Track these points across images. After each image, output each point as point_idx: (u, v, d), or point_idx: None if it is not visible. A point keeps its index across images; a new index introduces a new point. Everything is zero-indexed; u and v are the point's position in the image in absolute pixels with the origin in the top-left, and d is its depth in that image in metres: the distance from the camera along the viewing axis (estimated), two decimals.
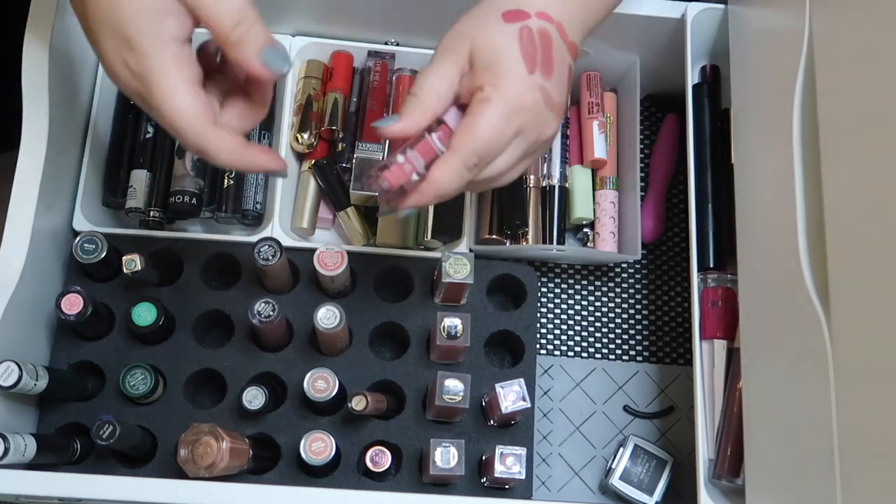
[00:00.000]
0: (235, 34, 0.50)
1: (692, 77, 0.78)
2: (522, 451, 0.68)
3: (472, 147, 0.54)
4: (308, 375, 0.67)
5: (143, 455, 0.70)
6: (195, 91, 0.51)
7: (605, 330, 0.83)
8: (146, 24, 0.49)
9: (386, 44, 0.82)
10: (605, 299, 0.84)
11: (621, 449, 0.77)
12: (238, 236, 0.77)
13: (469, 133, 0.54)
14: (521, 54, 0.55)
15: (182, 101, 0.50)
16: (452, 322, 0.69)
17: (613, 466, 0.76)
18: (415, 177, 0.55)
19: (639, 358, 0.82)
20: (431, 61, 0.57)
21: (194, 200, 0.77)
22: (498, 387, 0.69)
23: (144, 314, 0.70)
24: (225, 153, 0.52)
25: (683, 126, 0.79)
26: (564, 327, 0.83)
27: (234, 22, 0.50)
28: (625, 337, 0.83)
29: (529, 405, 0.69)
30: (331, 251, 0.70)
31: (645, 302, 0.84)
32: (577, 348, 0.82)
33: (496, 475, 0.67)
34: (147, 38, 0.49)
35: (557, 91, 0.56)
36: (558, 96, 0.57)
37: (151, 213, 0.78)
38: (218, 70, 0.56)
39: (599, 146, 0.82)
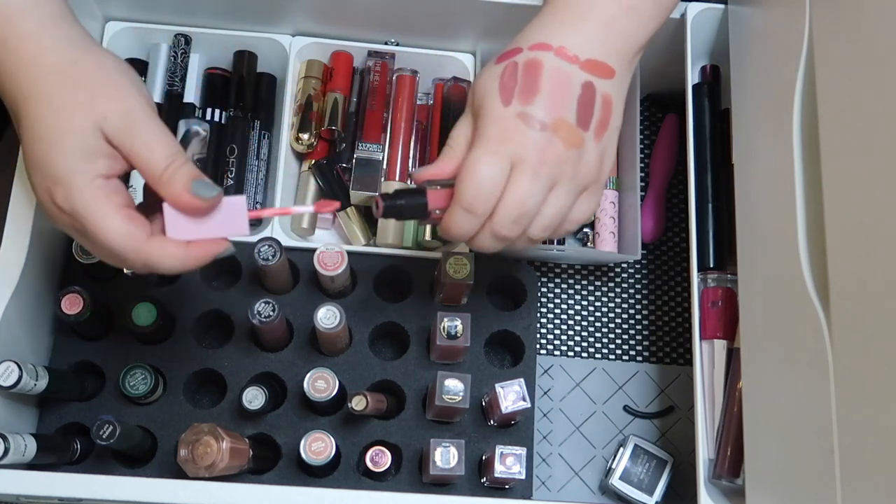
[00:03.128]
0: (166, 176, 0.52)
1: (692, 77, 0.78)
2: (522, 451, 0.68)
3: (463, 188, 0.55)
4: (308, 375, 0.67)
5: (143, 455, 0.70)
6: (125, 214, 0.52)
7: (605, 330, 0.83)
8: (75, 163, 0.51)
9: (386, 44, 0.82)
10: (605, 299, 0.84)
11: (621, 449, 0.77)
12: (238, 236, 0.77)
13: (459, 177, 0.55)
14: (498, 90, 0.56)
15: (114, 226, 0.52)
16: (452, 322, 0.69)
17: (613, 466, 0.76)
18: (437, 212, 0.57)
19: (639, 358, 0.82)
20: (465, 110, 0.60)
21: None
22: (498, 387, 0.69)
23: (144, 314, 0.70)
24: (169, 259, 0.53)
25: (683, 126, 0.79)
26: (564, 327, 0.83)
27: (165, 165, 0.52)
28: (625, 337, 0.83)
29: (529, 405, 0.69)
30: (331, 251, 0.70)
31: (645, 302, 0.84)
32: (577, 348, 0.82)
33: (496, 475, 0.67)
34: (75, 176, 0.51)
35: (549, 110, 0.55)
36: (551, 115, 0.55)
37: None
38: None
39: None
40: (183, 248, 0.54)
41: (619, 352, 0.82)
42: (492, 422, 0.73)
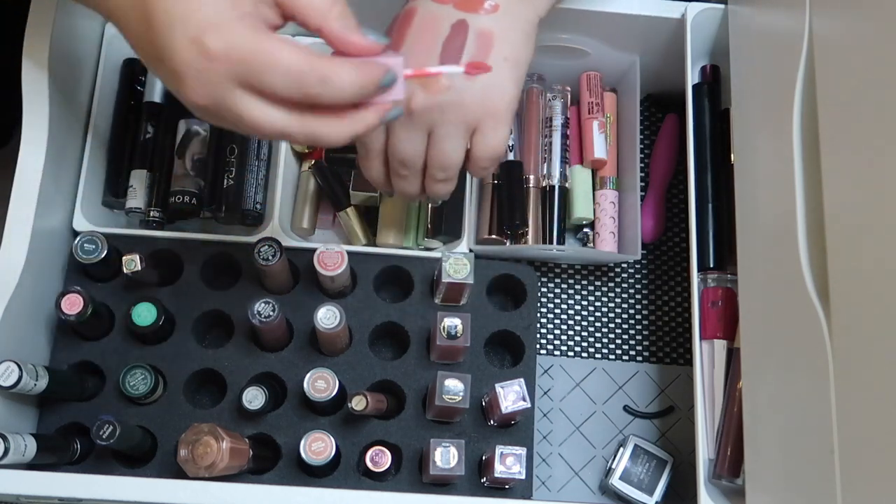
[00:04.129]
0: (335, 11, 0.50)
1: (692, 77, 0.78)
2: (522, 451, 0.68)
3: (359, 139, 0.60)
4: (308, 375, 0.67)
5: (143, 455, 0.70)
6: (287, 39, 0.49)
7: (605, 330, 0.83)
8: (224, 3, 0.48)
9: None
10: (605, 299, 0.84)
11: (621, 449, 0.77)
12: (238, 236, 0.77)
13: None
14: None
15: (283, 45, 0.48)
16: (452, 322, 0.69)
17: (613, 466, 0.76)
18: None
19: (639, 358, 0.82)
20: None
21: (194, 200, 0.77)
22: (498, 387, 0.69)
23: (144, 314, 0.70)
24: (346, 74, 0.49)
25: (683, 126, 0.79)
26: (564, 327, 0.83)
27: (331, 3, 0.50)
28: (625, 337, 0.83)
29: (529, 405, 0.69)
30: (331, 251, 0.70)
31: (645, 302, 0.84)
32: (577, 348, 0.82)
33: (496, 475, 0.67)
34: (225, 14, 0.47)
35: (409, 61, 0.54)
36: (410, 65, 0.54)
37: (151, 213, 0.78)
38: None
39: (599, 146, 0.82)
40: (355, 62, 0.50)
41: (619, 352, 0.82)
42: (492, 422, 0.73)
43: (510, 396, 0.69)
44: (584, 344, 0.82)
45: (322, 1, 0.50)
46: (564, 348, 0.82)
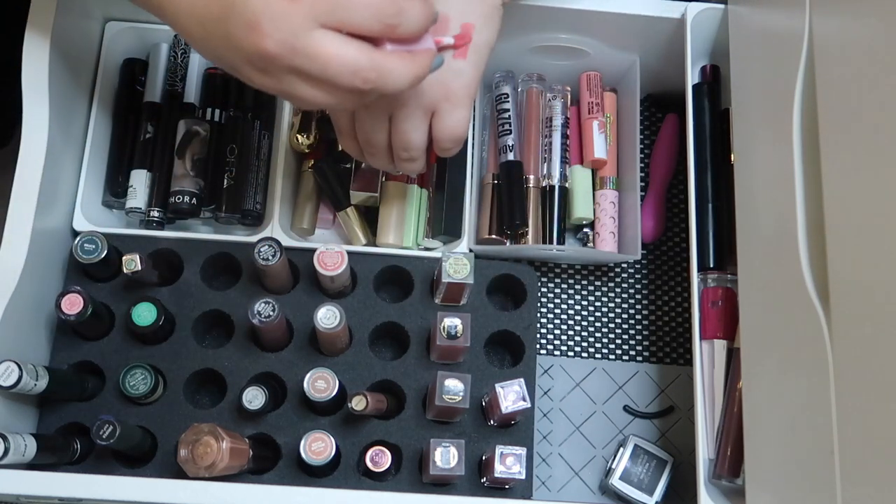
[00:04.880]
0: None
1: (692, 77, 0.78)
2: (522, 451, 0.68)
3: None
4: (308, 375, 0.67)
5: (143, 455, 0.70)
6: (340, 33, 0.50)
7: (605, 330, 0.83)
8: None
9: None
10: (605, 299, 0.84)
11: (621, 449, 0.77)
12: (238, 236, 0.77)
13: None
14: None
15: (336, 39, 0.50)
16: (452, 322, 0.69)
17: (613, 466, 0.76)
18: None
19: (639, 358, 0.82)
20: None
21: (194, 200, 0.77)
22: (498, 387, 0.69)
23: (144, 314, 0.70)
24: (399, 62, 0.52)
25: (683, 126, 0.79)
26: (564, 327, 0.83)
27: None
28: (625, 337, 0.83)
29: (529, 405, 0.69)
30: (331, 251, 0.70)
31: (645, 302, 0.84)
32: (577, 348, 0.82)
33: (496, 475, 0.67)
34: (274, 6, 0.48)
35: None
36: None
37: (151, 213, 0.78)
38: None
39: (599, 146, 0.82)
40: (405, 53, 0.52)
41: (619, 352, 0.82)
42: (492, 422, 0.73)
43: (510, 396, 0.69)
44: (584, 344, 0.82)
45: None
46: (564, 348, 0.82)
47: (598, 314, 0.83)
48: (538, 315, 0.81)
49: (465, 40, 0.59)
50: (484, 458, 0.72)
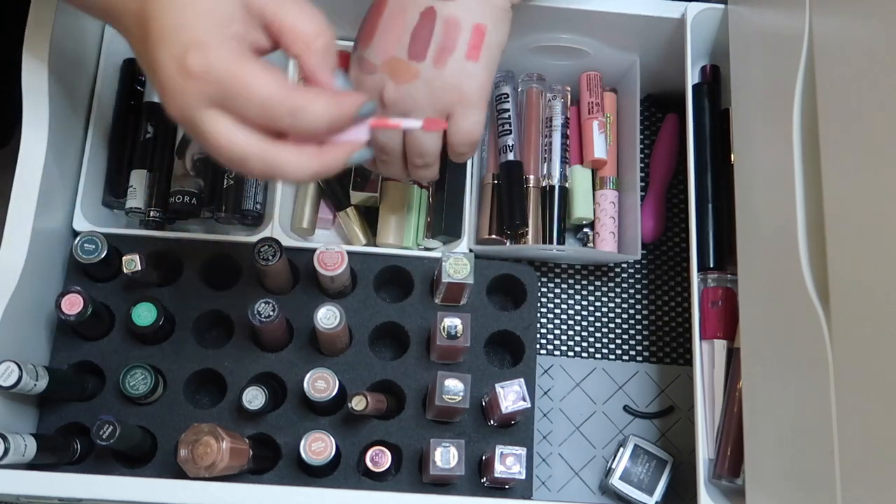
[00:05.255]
0: (318, 44, 0.51)
1: (692, 77, 0.78)
2: (522, 451, 0.68)
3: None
4: (308, 375, 0.67)
5: (143, 455, 0.70)
6: (265, 65, 0.49)
7: (605, 330, 0.83)
8: (211, 23, 0.49)
9: None
10: (605, 299, 0.84)
11: (621, 449, 0.77)
12: (238, 236, 0.77)
13: None
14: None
15: (259, 73, 0.48)
16: (452, 322, 0.69)
17: (613, 466, 0.76)
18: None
19: (639, 358, 0.82)
20: None
21: (194, 200, 0.77)
22: (498, 387, 0.69)
23: (144, 314, 0.70)
24: (320, 104, 0.49)
25: (683, 126, 0.79)
26: (564, 327, 0.83)
27: (316, 34, 0.51)
28: (625, 337, 0.83)
29: (529, 405, 0.69)
30: (331, 251, 0.70)
31: (645, 302, 0.84)
32: (577, 348, 0.82)
33: (496, 475, 0.67)
34: (212, 35, 0.48)
35: (379, 51, 0.60)
36: (380, 56, 0.60)
37: (151, 213, 0.78)
38: None
39: (599, 146, 0.82)
40: (330, 94, 0.50)
41: (619, 352, 0.82)
42: (492, 422, 0.73)
43: (510, 396, 0.69)
44: (584, 344, 0.82)
45: (308, 29, 0.51)
46: (564, 348, 0.82)
47: (598, 314, 0.83)
48: (538, 315, 0.81)
49: (437, 126, 0.59)
50: (484, 458, 0.72)
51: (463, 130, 0.62)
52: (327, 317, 0.68)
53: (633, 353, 0.82)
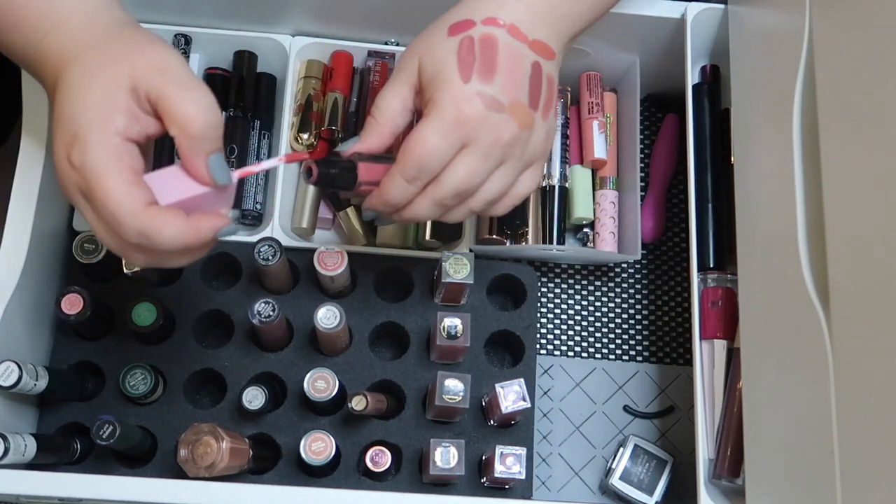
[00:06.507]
0: (194, 128, 0.52)
1: (692, 77, 0.78)
2: (522, 451, 0.68)
3: (407, 160, 0.55)
4: (308, 375, 0.67)
5: (143, 455, 0.70)
6: (130, 177, 0.51)
7: (605, 330, 0.83)
8: (95, 117, 0.51)
9: (386, 44, 0.82)
10: (605, 299, 0.84)
11: (621, 449, 0.77)
12: (238, 236, 0.77)
13: (405, 147, 0.56)
14: (458, 65, 0.56)
15: (116, 185, 0.50)
16: (452, 322, 0.69)
17: (613, 466, 0.76)
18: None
19: (639, 358, 0.82)
20: (388, 81, 0.59)
21: None
22: (498, 387, 0.69)
23: (144, 314, 0.70)
24: (168, 227, 0.51)
25: (683, 126, 0.79)
26: (564, 327, 0.83)
27: (196, 115, 0.52)
28: (625, 337, 0.83)
29: (529, 405, 0.69)
30: (331, 251, 0.70)
31: (645, 302, 0.84)
32: (577, 348, 0.82)
33: (496, 475, 0.67)
34: (93, 130, 0.51)
35: (507, 91, 0.56)
36: (507, 96, 0.56)
37: None
38: None
39: (599, 146, 0.82)
40: (184, 218, 0.52)
41: (619, 352, 0.82)
42: (492, 422, 0.73)
43: (510, 396, 0.69)
44: (584, 344, 0.82)
45: (187, 112, 0.51)
46: (564, 348, 0.82)
47: (598, 314, 0.83)
48: (538, 315, 0.81)
49: (296, 159, 0.59)
50: (484, 458, 0.72)
51: (529, 186, 0.60)
52: (327, 317, 0.68)
53: (633, 353, 0.82)
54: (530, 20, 0.58)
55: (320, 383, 0.67)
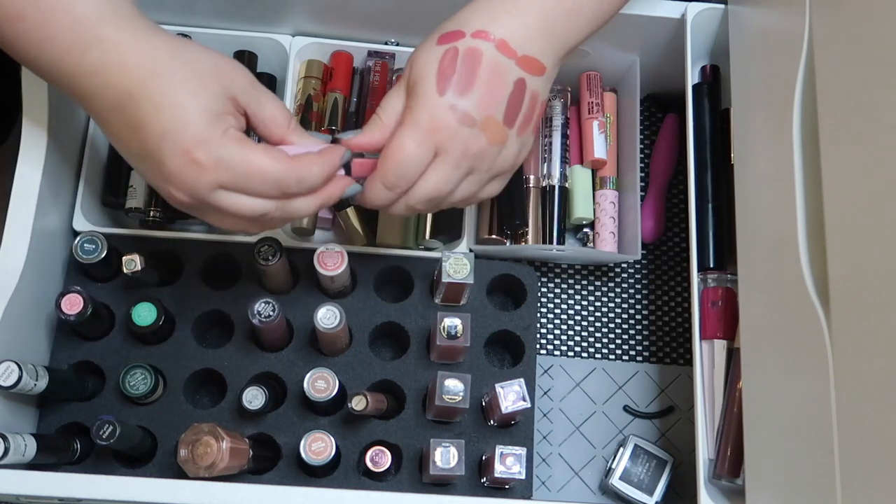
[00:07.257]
0: (293, 126, 0.60)
1: (692, 77, 0.78)
2: (522, 451, 0.68)
3: (387, 166, 0.58)
4: (308, 375, 0.67)
5: (143, 455, 0.70)
6: (267, 147, 0.57)
7: (605, 330, 0.83)
8: (211, 121, 0.55)
9: (386, 44, 0.82)
10: (605, 299, 0.84)
11: (621, 449, 0.77)
12: (238, 236, 0.77)
13: (385, 153, 0.58)
14: (437, 76, 0.58)
15: (263, 154, 0.55)
16: (452, 322, 0.69)
17: (613, 466, 0.76)
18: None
19: (639, 358, 0.82)
20: (396, 81, 0.62)
21: None
22: (498, 387, 0.69)
23: (144, 314, 0.70)
24: (314, 166, 0.57)
25: (683, 126, 0.79)
26: (564, 327, 0.83)
27: (289, 118, 0.60)
28: (625, 337, 0.83)
29: (529, 405, 0.69)
30: (331, 251, 0.70)
31: (645, 302, 0.84)
32: (577, 348, 0.82)
33: (496, 475, 0.67)
34: (214, 130, 0.54)
35: (481, 107, 0.58)
36: (482, 112, 0.58)
37: (151, 213, 0.78)
38: None
39: (599, 146, 0.82)
40: (318, 155, 0.58)
41: (619, 352, 0.82)
42: (492, 422, 0.73)
43: (510, 396, 0.69)
44: (584, 344, 0.82)
45: (282, 119, 0.59)
46: (564, 348, 0.82)
47: (598, 314, 0.83)
48: (538, 315, 0.81)
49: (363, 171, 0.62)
50: (484, 458, 0.72)
51: (493, 192, 0.64)
52: (327, 317, 0.68)
53: (633, 353, 0.82)
54: (523, 35, 0.58)
55: (320, 383, 0.67)
